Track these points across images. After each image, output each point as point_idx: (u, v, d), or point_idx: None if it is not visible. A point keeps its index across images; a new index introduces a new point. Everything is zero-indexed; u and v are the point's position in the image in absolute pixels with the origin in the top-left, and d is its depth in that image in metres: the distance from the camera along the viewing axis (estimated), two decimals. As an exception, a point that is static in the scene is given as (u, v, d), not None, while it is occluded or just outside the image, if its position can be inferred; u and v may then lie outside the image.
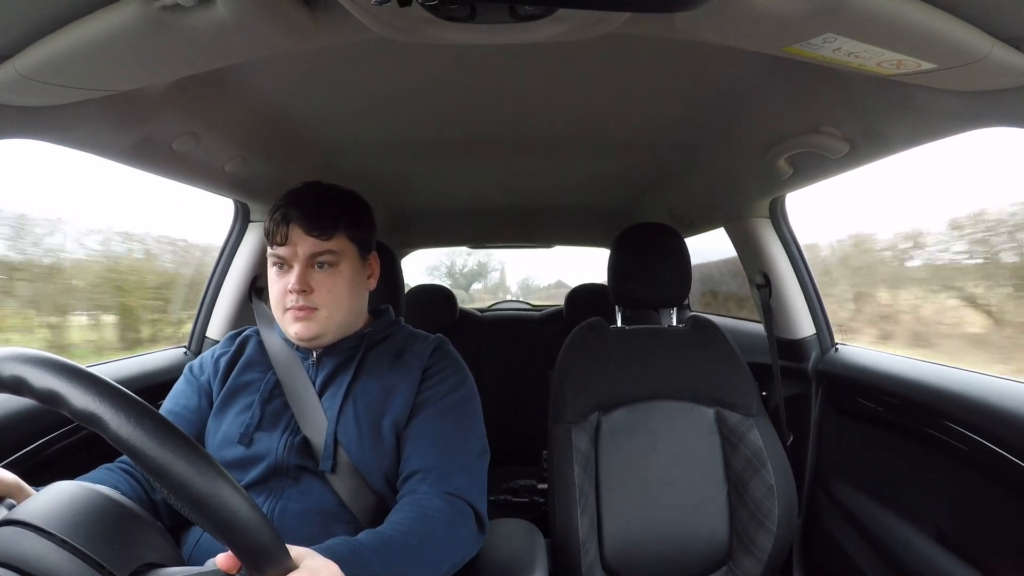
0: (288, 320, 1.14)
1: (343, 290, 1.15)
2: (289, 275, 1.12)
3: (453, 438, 1.11)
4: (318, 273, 1.13)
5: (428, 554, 0.93)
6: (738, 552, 1.50)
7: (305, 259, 1.11)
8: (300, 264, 1.11)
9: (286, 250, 1.12)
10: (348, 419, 1.11)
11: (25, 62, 0.76)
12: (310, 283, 1.11)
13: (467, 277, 9.98)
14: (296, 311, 1.12)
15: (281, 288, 1.13)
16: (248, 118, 1.38)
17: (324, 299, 1.13)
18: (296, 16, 0.76)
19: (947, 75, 0.81)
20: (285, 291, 1.12)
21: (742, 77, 1.22)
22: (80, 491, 0.62)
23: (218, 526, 0.54)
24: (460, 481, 1.06)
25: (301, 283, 1.10)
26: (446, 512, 1.00)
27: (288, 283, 1.11)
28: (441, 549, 0.96)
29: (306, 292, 1.11)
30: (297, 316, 1.12)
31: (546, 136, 1.64)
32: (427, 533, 0.94)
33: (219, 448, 1.11)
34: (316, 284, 1.12)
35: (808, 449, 1.85)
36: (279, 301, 1.14)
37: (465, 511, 1.04)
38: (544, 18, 0.76)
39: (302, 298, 1.11)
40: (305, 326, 1.12)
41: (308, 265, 1.12)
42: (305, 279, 1.11)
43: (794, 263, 1.93)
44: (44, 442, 1.21)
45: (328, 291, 1.13)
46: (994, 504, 1.18)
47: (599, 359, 1.62)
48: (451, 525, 1.00)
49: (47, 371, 0.55)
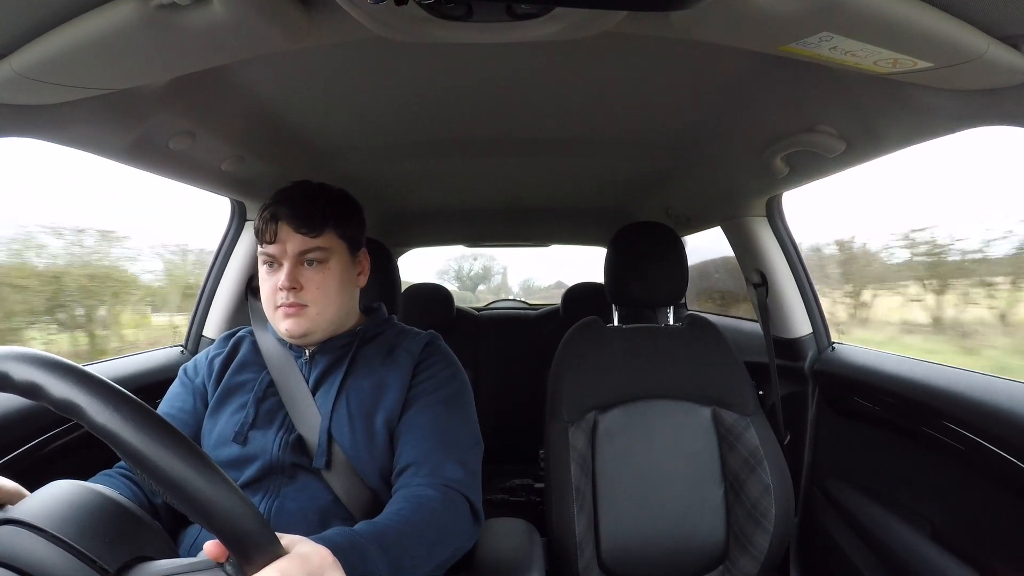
0: (279, 317, 1.14)
1: (333, 287, 1.16)
2: (279, 273, 1.13)
3: (446, 430, 1.12)
4: (307, 270, 1.14)
5: (425, 543, 0.93)
6: (735, 551, 1.50)
7: (294, 256, 1.12)
8: (289, 261, 1.12)
9: (275, 248, 1.13)
10: (341, 415, 1.11)
11: (21, 60, 0.76)
12: (300, 280, 1.13)
13: (473, 280, 10.76)
14: (286, 308, 1.12)
15: (271, 286, 1.14)
16: (245, 117, 1.38)
17: (314, 296, 1.14)
18: (292, 15, 0.75)
19: (943, 74, 0.81)
20: (275, 288, 1.13)
21: (738, 76, 1.22)
22: (72, 488, 0.63)
23: (200, 511, 0.54)
24: (454, 472, 1.07)
25: (291, 280, 1.11)
26: (441, 502, 1.01)
27: (278, 281, 1.12)
28: (438, 538, 0.96)
29: (296, 289, 1.12)
30: (287, 313, 1.13)
31: (542, 135, 1.64)
32: (423, 523, 0.95)
33: (214, 447, 1.11)
34: (305, 281, 1.13)
35: (805, 448, 1.86)
36: (270, 299, 1.15)
37: (460, 502, 1.05)
38: (540, 17, 0.76)
39: (292, 295, 1.12)
40: (295, 322, 1.13)
41: (297, 263, 1.13)
42: (295, 276, 1.12)
43: (790, 262, 1.93)
44: (39, 442, 1.21)
45: (317, 288, 1.14)
46: (990, 503, 1.19)
47: (596, 358, 1.62)
48: (447, 515, 1.01)
49: (26, 364, 0.55)
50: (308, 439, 1.09)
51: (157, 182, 1.46)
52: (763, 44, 0.78)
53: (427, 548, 0.93)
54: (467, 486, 1.08)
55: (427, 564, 0.93)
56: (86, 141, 1.11)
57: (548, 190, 2.42)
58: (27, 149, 1.07)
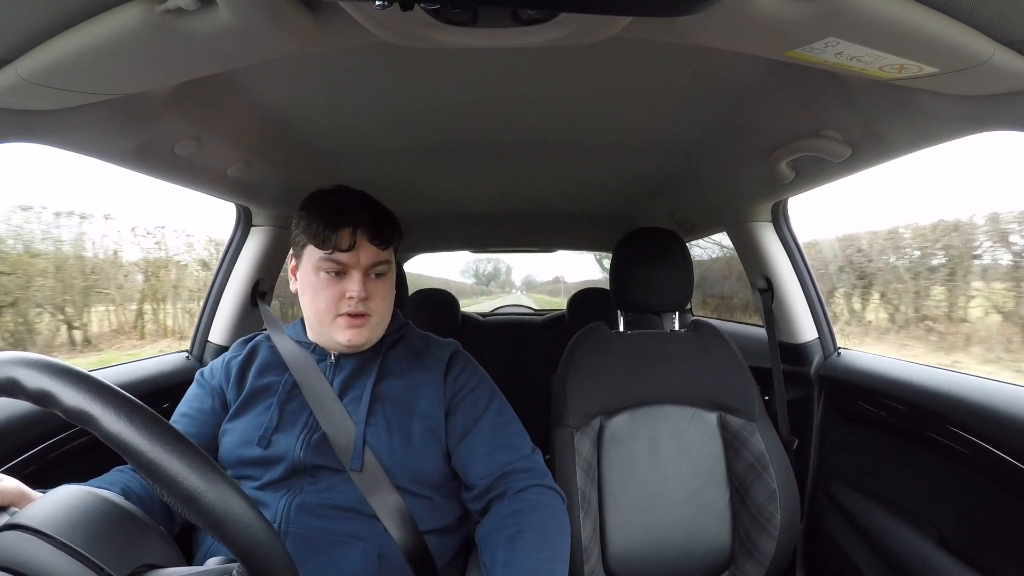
0: (339, 326, 1.14)
1: (390, 299, 1.20)
2: (344, 281, 1.13)
3: (510, 446, 1.19)
4: (373, 281, 1.15)
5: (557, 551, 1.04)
6: (741, 557, 1.49)
7: (367, 267, 1.13)
8: (360, 271, 1.13)
9: (350, 256, 1.12)
10: (378, 422, 1.13)
11: (27, 66, 0.77)
12: (368, 290, 1.14)
13: (486, 277, 14.89)
14: (350, 318, 1.13)
15: (335, 294, 1.14)
16: (251, 122, 1.38)
17: (377, 307, 1.16)
18: (298, 20, 0.76)
19: (949, 79, 0.81)
20: (341, 297, 1.13)
21: (744, 81, 1.22)
22: (80, 494, 0.63)
23: (211, 522, 0.54)
24: (536, 471, 1.17)
25: (366, 290, 1.13)
26: (542, 502, 1.11)
27: (345, 289, 1.13)
28: (559, 536, 1.07)
29: (365, 299, 1.13)
30: (351, 323, 1.13)
31: (548, 140, 1.64)
32: (547, 533, 1.06)
33: (236, 447, 1.12)
34: (371, 292, 1.15)
35: (810, 453, 1.85)
36: (330, 307, 1.14)
37: (554, 493, 1.15)
38: (546, 22, 0.76)
39: (362, 304, 1.13)
40: (358, 332, 1.14)
41: (365, 273, 1.14)
42: (366, 286, 1.13)
43: (796, 267, 1.93)
44: (47, 446, 1.22)
45: (382, 299, 1.17)
46: (997, 508, 1.18)
47: (601, 364, 1.61)
48: (554, 511, 1.11)
49: (39, 371, 0.55)
50: (334, 439, 1.10)
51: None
52: (769, 50, 0.78)
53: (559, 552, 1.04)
54: (548, 479, 1.18)
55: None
56: (92, 146, 1.11)
57: (554, 195, 2.42)
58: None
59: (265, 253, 1.95)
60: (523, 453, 1.18)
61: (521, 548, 1.00)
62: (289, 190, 1.76)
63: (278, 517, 1.04)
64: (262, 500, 1.07)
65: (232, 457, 1.12)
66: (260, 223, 1.95)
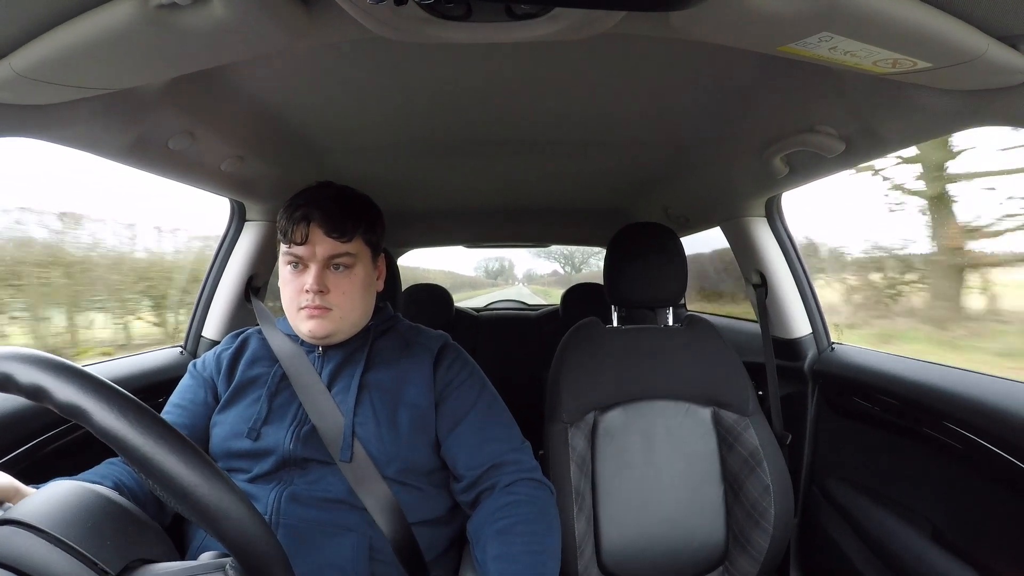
0: (302, 318, 1.16)
1: (357, 292, 1.18)
2: (305, 274, 1.14)
3: (500, 438, 1.20)
4: (333, 274, 1.15)
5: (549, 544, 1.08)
6: (734, 552, 1.50)
7: (323, 260, 1.14)
8: (317, 265, 1.13)
9: (304, 249, 1.13)
10: (366, 412, 1.13)
11: (21, 60, 0.76)
12: (326, 284, 1.14)
13: (494, 273, 16.58)
14: (311, 310, 1.14)
15: (296, 287, 1.15)
16: (245, 117, 1.38)
17: (338, 300, 1.15)
18: (292, 14, 0.75)
19: (943, 74, 0.81)
20: (300, 290, 1.14)
21: (738, 76, 1.22)
22: (74, 489, 0.63)
23: (204, 516, 0.54)
24: (525, 464, 1.18)
25: (318, 283, 1.13)
26: (532, 495, 1.12)
27: (304, 283, 1.13)
28: (549, 530, 1.10)
29: (322, 292, 1.13)
30: (311, 314, 1.14)
31: (542, 135, 1.64)
32: (538, 527, 1.08)
33: (226, 440, 1.13)
34: (332, 285, 1.15)
35: (804, 448, 1.86)
36: (293, 299, 1.16)
37: (543, 486, 1.17)
38: (540, 17, 0.76)
39: (318, 298, 1.13)
40: (319, 324, 1.14)
41: (325, 266, 1.14)
42: (322, 280, 1.13)
43: (790, 262, 1.94)
44: (40, 441, 1.21)
45: (343, 293, 1.16)
46: (990, 502, 1.19)
47: (595, 359, 1.62)
48: (544, 505, 1.13)
49: (32, 366, 0.55)
50: (323, 431, 1.10)
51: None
52: (762, 44, 0.78)
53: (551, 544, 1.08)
54: (537, 471, 1.19)
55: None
56: (85, 141, 1.11)
57: (547, 190, 2.42)
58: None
59: (259, 248, 1.95)
60: (512, 445, 1.19)
61: (512, 541, 1.02)
62: (283, 185, 1.75)
63: (269, 509, 1.05)
64: (253, 493, 1.07)
65: (222, 450, 1.12)
66: (254, 218, 1.94)
